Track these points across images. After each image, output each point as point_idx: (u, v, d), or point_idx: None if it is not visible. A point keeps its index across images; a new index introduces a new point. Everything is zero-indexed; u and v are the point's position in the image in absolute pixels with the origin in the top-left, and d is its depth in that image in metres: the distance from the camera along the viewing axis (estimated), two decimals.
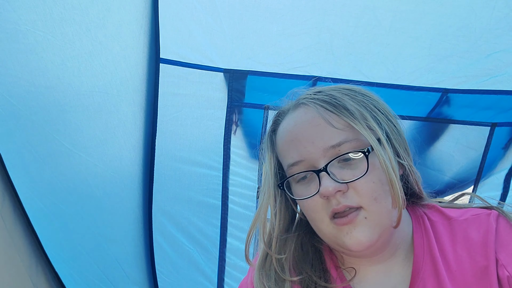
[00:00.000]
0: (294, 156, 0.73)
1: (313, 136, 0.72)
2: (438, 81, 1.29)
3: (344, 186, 0.68)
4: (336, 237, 0.70)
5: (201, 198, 1.43)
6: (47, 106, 1.19)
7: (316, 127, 0.73)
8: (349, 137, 0.71)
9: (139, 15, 1.19)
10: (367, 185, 0.69)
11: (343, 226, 0.69)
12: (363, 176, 0.68)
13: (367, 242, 0.68)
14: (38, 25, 1.10)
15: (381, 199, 0.69)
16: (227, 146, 1.38)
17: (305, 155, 0.72)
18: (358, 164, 0.70)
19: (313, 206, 0.71)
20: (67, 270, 1.42)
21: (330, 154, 0.70)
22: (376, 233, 0.69)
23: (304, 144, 0.73)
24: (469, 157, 1.38)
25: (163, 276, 1.50)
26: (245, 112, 1.36)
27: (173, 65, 1.27)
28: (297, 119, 0.77)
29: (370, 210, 0.69)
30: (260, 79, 1.31)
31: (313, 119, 0.74)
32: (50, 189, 1.29)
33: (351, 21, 1.20)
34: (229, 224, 1.45)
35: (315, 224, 0.73)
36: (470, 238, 0.73)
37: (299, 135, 0.74)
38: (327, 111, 0.74)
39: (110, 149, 1.30)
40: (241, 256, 1.48)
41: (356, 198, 0.69)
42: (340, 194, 0.69)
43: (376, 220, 0.69)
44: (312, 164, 0.72)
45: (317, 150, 0.71)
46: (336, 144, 0.70)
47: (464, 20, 1.18)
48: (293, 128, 0.76)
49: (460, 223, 0.75)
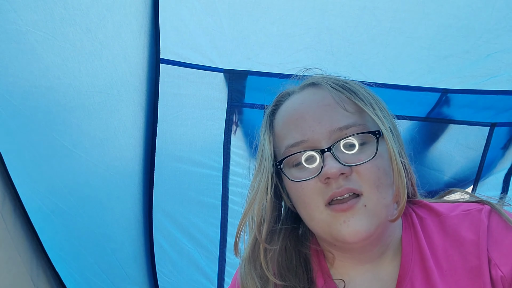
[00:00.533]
0: (296, 136, 0.70)
1: (321, 115, 0.70)
2: (438, 81, 1.29)
3: (348, 169, 0.66)
4: (330, 226, 0.67)
5: (201, 198, 1.43)
6: (47, 106, 1.19)
7: (325, 107, 0.70)
8: (357, 121, 0.69)
9: (139, 15, 1.19)
10: (372, 170, 0.66)
11: (341, 213, 0.65)
12: (370, 160, 0.66)
13: (364, 232, 0.65)
14: (38, 25, 1.10)
15: (383, 188, 0.67)
16: (227, 146, 1.38)
17: (309, 135, 0.69)
18: (364, 150, 0.67)
19: (309, 190, 0.68)
20: (67, 270, 1.43)
21: (335, 137, 0.68)
22: (374, 224, 0.66)
23: (310, 123, 0.70)
24: (469, 157, 1.38)
25: (163, 276, 1.50)
26: (245, 112, 1.37)
27: (173, 65, 1.27)
28: (305, 97, 0.74)
29: (371, 198, 0.66)
30: (260, 79, 1.31)
31: (323, 99, 0.72)
32: (51, 189, 1.29)
33: (351, 21, 1.20)
34: (229, 224, 1.45)
35: (308, 211, 0.69)
36: (461, 237, 0.70)
37: (305, 114, 0.71)
38: (339, 93, 0.72)
39: (110, 149, 1.30)
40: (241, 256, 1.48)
41: (359, 184, 0.66)
42: (342, 177, 0.66)
43: (375, 210, 0.66)
44: (314, 145, 0.69)
45: (323, 130, 0.68)
46: (344, 127, 0.68)
47: (463, 20, 1.18)
48: (299, 107, 0.73)
49: (450, 219, 0.73)
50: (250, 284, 0.73)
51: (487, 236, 0.68)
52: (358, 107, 0.70)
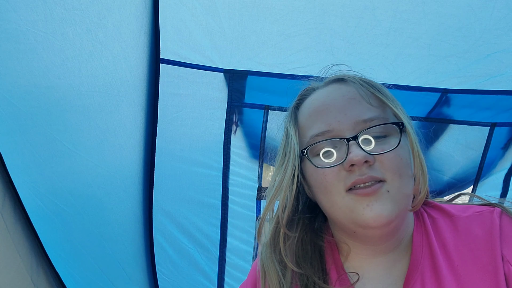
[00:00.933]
0: (321, 126, 0.74)
1: (346, 107, 0.73)
2: (438, 81, 1.29)
3: (372, 157, 0.69)
4: (353, 211, 0.69)
5: (201, 198, 1.43)
6: (47, 106, 1.19)
7: (350, 100, 0.74)
8: (380, 115, 0.73)
9: (139, 15, 1.19)
10: (395, 160, 0.69)
11: (364, 196, 0.68)
12: (394, 149, 0.69)
13: (387, 217, 0.67)
14: (38, 25, 1.09)
15: (405, 177, 0.70)
16: (227, 146, 1.38)
17: (334, 125, 0.72)
18: (386, 141, 0.71)
19: (332, 177, 0.71)
20: (67, 270, 1.42)
21: (359, 128, 0.71)
22: (396, 211, 0.68)
23: (335, 114, 0.73)
24: (469, 157, 1.38)
25: (163, 276, 1.50)
26: (245, 112, 1.37)
27: (173, 65, 1.27)
28: (331, 91, 0.78)
29: (393, 185, 0.69)
30: (260, 79, 1.31)
31: (348, 92, 0.76)
32: (51, 189, 1.29)
33: (351, 22, 1.20)
34: (229, 224, 1.45)
35: (329, 198, 0.72)
36: (473, 235, 0.73)
37: (331, 106, 0.75)
38: (363, 88, 0.76)
39: (111, 149, 1.30)
40: (241, 256, 1.48)
41: (381, 172, 0.69)
42: (366, 165, 0.68)
43: (397, 197, 0.69)
44: (338, 135, 0.72)
45: (348, 121, 0.72)
46: (368, 119, 0.71)
47: (463, 20, 1.18)
48: (325, 99, 0.77)
49: (462, 220, 0.75)
50: (271, 268, 0.76)
51: (499, 235, 0.71)
52: (381, 102, 0.75)
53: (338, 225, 0.77)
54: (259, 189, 1.44)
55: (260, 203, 1.45)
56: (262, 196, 1.39)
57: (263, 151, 1.40)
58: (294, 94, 1.36)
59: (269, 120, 1.37)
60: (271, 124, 1.37)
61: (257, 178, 1.43)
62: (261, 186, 1.44)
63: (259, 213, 1.45)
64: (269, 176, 1.58)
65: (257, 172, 1.42)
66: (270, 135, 1.39)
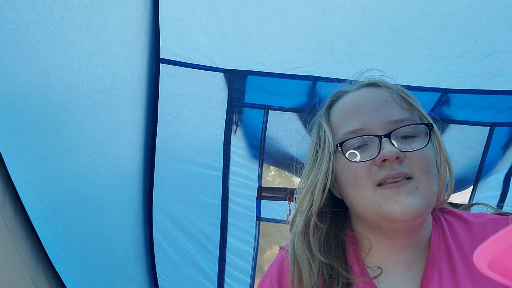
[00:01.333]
0: (354, 124, 0.79)
1: (379, 107, 0.79)
2: (438, 81, 1.29)
3: (403, 154, 0.74)
4: (381, 205, 0.74)
5: (201, 198, 1.43)
6: (47, 106, 1.19)
7: (384, 102, 0.80)
8: (410, 117, 0.79)
9: (139, 15, 1.19)
10: (423, 158, 0.75)
11: (394, 190, 0.73)
12: (423, 148, 0.75)
13: (415, 210, 0.72)
14: (38, 25, 1.09)
15: (431, 175, 0.75)
16: (227, 146, 1.38)
17: (368, 124, 0.78)
18: (415, 141, 0.77)
19: (364, 171, 0.76)
20: (67, 270, 1.42)
21: (391, 127, 0.77)
22: (423, 205, 0.73)
23: (368, 113, 0.79)
24: (469, 157, 1.38)
25: (163, 276, 1.50)
26: (245, 112, 1.37)
27: (174, 65, 1.27)
28: (364, 93, 0.85)
29: (421, 182, 0.74)
30: (260, 79, 1.31)
31: (381, 95, 0.82)
32: (51, 189, 1.29)
33: (351, 22, 1.20)
34: (229, 224, 1.45)
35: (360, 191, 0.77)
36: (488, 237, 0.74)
37: (364, 105, 0.81)
38: (395, 92, 0.82)
39: (111, 149, 1.30)
40: (241, 256, 1.48)
41: (411, 168, 0.74)
42: (397, 161, 0.74)
43: (425, 193, 0.74)
44: (371, 133, 0.78)
45: (381, 121, 0.78)
46: (399, 120, 0.78)
47: (463, 20, 1.18)
48: (358, 100, 0.83)
49: (477, 226, 0.81)
50: (302, 255, 0.82)
51: None
52: (411, 106, 0.81)
53: (364, 219, 0.81)
54: (259, 189, 1.44)
55: (260, 203, 1.45)
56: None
57: (263, 151, 1.40)
58: (295, 94, 1.36)
59: (269, 120, 1.37)
60: (271, 124, 1.37)
61: (257, 178, 1.43)
62: (261, 186, 1.44)
63: (259, 213, 1.45)
64: (269, 176, 1.58)
65: (257, 172, 1.42)
66: (270, 135, 1.39)
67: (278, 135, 1.39)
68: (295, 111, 1.36)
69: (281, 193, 1.44)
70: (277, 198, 1.44)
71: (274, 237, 2.42)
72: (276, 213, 1.47)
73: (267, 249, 2.69)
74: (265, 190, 1.44)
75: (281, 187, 1.45)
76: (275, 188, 1.44)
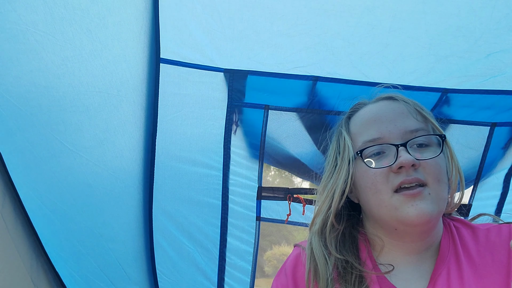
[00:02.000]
0: (373, 133, 0.87)
1: (396, 119, 0.87)
2: (438, 81, 1.29)
3: (417, 162, 0.81)
4: (398, 209, 0.80)
5: (201, 198, 1.43)
6: (47, 106, 1.19)
7: (400, 114, 0.88)
8: (424, 127, 0.87)
9: (139, 15, 1.19)
10: (436, 166, 0.82)
11: (410, 197, 0.79)
12: (436, 156, 0.82)
13: (429, 214, 0.79)
14: (38, 25, 1.09)
15: (442, 183, 0.82)
16: (227, 146, 1.38)
17: (385, 134, 0.85)
18: (428, 150, 0.84)
19: (382, 178, 0.82)
20: (67, 270, 1.42)
21: (407, 137, 0.84)
22: (436, 210, 0.80)
23: (386, 124, 0.87)
24: (469, 157, 1.38)
25: (163, 276, 1.50)
26: (245, 112, 1.36)
27: (173, 65, 1.27)
28: (382, 106, 0.93)
29: (433, 188, 0.81)
30: (260, 79, 1.31)
31: (398, 108, 0.90)
32: (51, 189, 1.29)
33: (351, 21, 1.20)
34: (229, 224, 1.45)
35: (378, 196, 0.83)
36: (492, 241, 0.85)
37: (382, 116, 0.88)
38: (409, 105, 0.90)
39: (111, 149, 1.30)
40: (241, 256, 1.48)
41: (424, 176, 0.81)
42: (412, 168, 0.80)
43: (437, 199, 0.80)
44: (388, 142, 0.85)
45: (397, 131, 0.85)
46: (414, 130, 0.85)
47: (464, 20, 1.18)
48: (377, 111, 0.91)
49: (482, 231, 0.88)
50: (319, 252, 0.88)
51: None
52: (425, 118, 0.88)
53: (380, 222, 0.87)
54: (259, 189, 1.44)
55: (260, 203, 1.45)
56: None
57: (263, 151, 1.40)
58: (295, 94, 1.36)
59: (269, 120, 1.37)
60: (271, 124, 1.37)
61: (257, 178, 1.43)
62: (261, 186, 1.44)
63: (259, 213, 1.45)
64: (269, 176, 1.58)
65: (257, 172, 1.42)
66: (270, 135, 1.39)
67: (278, 135, 1.39)
68: (295, 111, 1.36)
69: (281, 193, 1.43)
70: (277, 198, 1.44)
71: (274, 237, 2.43)
72: (276, 213, 1.47)
73: (267, 249, 2.70)
74: (265, 190, 1.44)
75: (281, 187, 1.45)
76: (275, 188, 1.44)
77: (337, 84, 1.29)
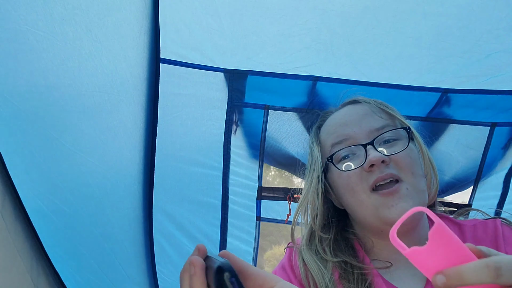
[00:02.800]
0: (339, 135, 0.89)
1: (360, 120, 0.88)
2: (438, 81, 1.29)
3: (387, 158, 0.81)
4: (378, 210, 0.80)
5: (201, 198, 1.43)
6: (47, 106, 1.19)
7: (364, 115, 0.89)
8: (390, 124, 0.88)
9: (139, 15, 1.19)
10: (407, 159, 0.82)
11: (389, 197, 0.79)
12: (405, 149, 0.82)
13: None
14: (38, 25, 1.09)
15: (417, 175, 0.82)
16: (227, 146, 1.38)
17: (351, 135, 0.87)
18: (397, 144, 0.84)
19: (356, 179, 0.83)
20: (68, 270, 1.42)
21: (373, 135, 0.85)
22: (416, 205, 0.79)
23: (351, 126, 0.88)
24: (469, 157, 1.38)
25: (163, 276, 1.50)
26: (245, 112, 1.37)
27: (174, 65, 1.27)
28: (347, 110, 0.95)
29: (409, 182, 0.80)
30: (260, 79, 1.31)
31: (361, 110, 0.92)
32: (50, 189, 1.29)
33: (351, 21, 1.20)
34: (229, 224, 1.45)
35: (356, 197, 0.83)
36: (478, 237, 0.85)
37: (347, 120, 0.90)
38: (373, 106, 0.91)
39: (110, 149, 1.30)
40: (241, 256, 1.48)
41: (397, 170, 0.81)
42: (383, 165, 0.81)
43: (416, 193, 0.80)
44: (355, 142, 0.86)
45: (363, 131, 0.86)
46: (380, 127, 0.86)
47: (464, 20, 1.18)
48: (342, 116, 0.93)
49: (468, 228, 0.88)
50: (312, 262, 0.88)
51: (502, 237, 0.83)
52: (390, 115, 0.90)
53: (365, 225, 0.88)
54: (259, 189, 1.44)
55: (260, 203, 1.45)
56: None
57: (263, 151, 1.40)
58: (295, 94, 1.36)
59: (269, 120, 1.37)
60: (271, 124, 1.37)
61: (257, 178, 1.43)
62: (261, 186, 1.44)
63: (259, 213, 1.45)
64: (269, 176, 1.58)
65: (257, 172, 1.42)
66: (270, 135, 1.39)
67: (278, 135, 1.39)
68: (295, 111, 1.36)
69: (281, 193, 1.44)
70: (277, 198, 1.44)
71: (274, 237, 2.43)
72: (276, 213, 1.47)
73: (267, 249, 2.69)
74: (265, 190, 1.44)
75: (281, 187, 1.45)
76: (275, 188, 1.44)
77: (337, 84, 1.29)
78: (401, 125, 0.89)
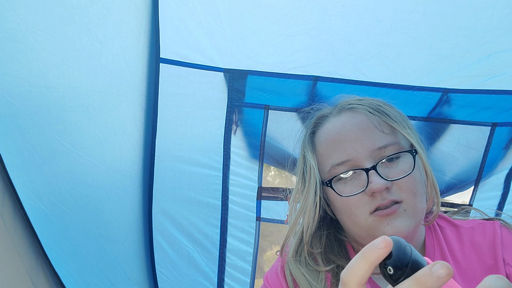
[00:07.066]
0: (340, 156, 0.81)
1: (361, 137, 0.81)
2: (439, 81, 1.29)
3: (390, 183, 0.77)
4: (374, 229, 0.77)
5: (201, 198, 1.43)
6: (47, 106, 1.19)
7: (365, 130, 0.82)
8: (393, 140, 0.81)
9: (139, 15, 1.19)
10: (409, 181, 0.78)
11: (385, 217, 0.76)
12: (409, 174, 0.77)
13: (405, 232, 0.76)
14: (38, 25, 1.09)
15: (419, 195, 0.78)
16: (227, 146, 1.38)
17: (352, 155, 0.80)
18: (401, 164, 0.79)
19: (356, 202, 0.78)
20: (67, 270, 1.42)
21: (375, 155, 0.79)
22: (412, 225, 0.77)
23: (352, 144, 0.81)
24: (470, 157, 1.38)
25: (163, 276, 1.50)
26: (245, 112, 1.36)
27: (173, 65, 1.27)
28: (345, 121, 0.85)
29: (409, 203, 0.77)
30: (260, 79, 1.31)
31: (361, 122, 0.83)
32: (50, 189, 1.29)
33: (351, 21, 1.20)
34: (229, 224, 1.45)
35: (353, 219, 0.80)
36: (476, 241, 0.83)
37: (347, 136, 0.82)
38: (374, 116, 0.83)
39: (110, 149, 1.30)
40: (241, 256, 1.48)
41: (399, 193, 0.77)
42: (386, 190, 0.77)
43: (413, 213, 0.77)
44: (357, 164, 0.80)
45: (365, 150, 0.79)
46: (383, 146, 0.79)
47: (464, 20, 1.18)
48: (341, 130, 0.84)
49: (466, 230, 0.85)
50: (298, 275, 0.84)
51: (501, 242, 0.81)
52: (392, 128, 0.82)
53: (356, 238, 0.85)
54: (259, 189, 1.43)
55: (260, 203, 1.44)
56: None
57: (263, 151, 1.40)
58: (295, 94, 1.36)
59: (269, 120, 1.37)
60: (271, 124, 1.37)
61: (257, 178, 1.42)
62: (261, 186, 1.43)
63: (259, 213, 1.45)
64: (269, 176, 1.57)
65: (257, 172, 1.42)
66: (270, 135, 1.39)
67: (278, 135, 1.39)
68: (295, 111, 1.36)
69: (281, 193, 1.43)
70: (277, 198, 1.44)
71: (274, 237, 2.42)
72: (276, 213, 1.47)
73: (267, 250, 2.69)
74: (265, 190, 1.44)
75: (281, 187, 1.44)
76: (275, 188, 1.44)
77: (337, 84, 1.29)
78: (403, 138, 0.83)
